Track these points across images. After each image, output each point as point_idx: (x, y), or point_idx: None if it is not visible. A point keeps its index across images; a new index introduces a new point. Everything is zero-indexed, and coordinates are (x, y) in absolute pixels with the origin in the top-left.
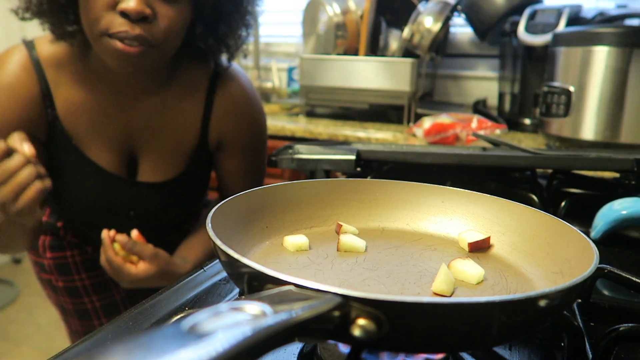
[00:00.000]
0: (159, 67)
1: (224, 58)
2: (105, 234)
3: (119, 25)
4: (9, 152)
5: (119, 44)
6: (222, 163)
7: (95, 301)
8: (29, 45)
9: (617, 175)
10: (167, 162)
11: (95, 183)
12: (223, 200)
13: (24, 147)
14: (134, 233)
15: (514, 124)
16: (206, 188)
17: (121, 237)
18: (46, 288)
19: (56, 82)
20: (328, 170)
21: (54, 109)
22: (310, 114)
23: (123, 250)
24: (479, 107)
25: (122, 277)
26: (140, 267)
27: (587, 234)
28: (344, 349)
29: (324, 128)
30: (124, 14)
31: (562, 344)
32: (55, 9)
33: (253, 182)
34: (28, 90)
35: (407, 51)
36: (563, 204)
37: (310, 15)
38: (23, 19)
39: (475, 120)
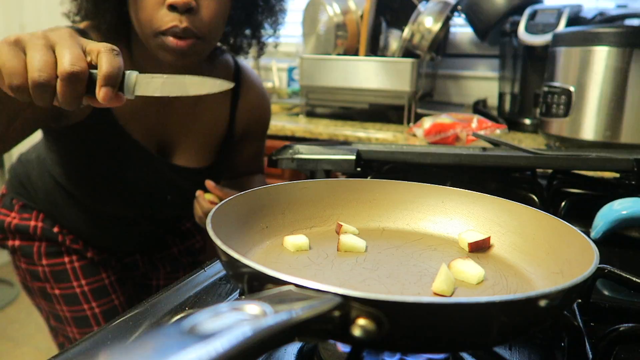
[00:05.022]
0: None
1: (239, 56)
2: (209, 183)
3: (169, 21)
4: None
5: (172, 40)
6: (244, 149)
7: (95, 307)
8: (81, 32)
9: (617, 175)
10: (200, 152)
11: (138, 163)
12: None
13: None
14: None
15: (514, 124)
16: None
17: (213, 186)
18: (36, 297)
19: None
20: (328, 170)
21: None
22: (310, 114)
23: (216, 199)
24: (479, 107)
25: None
26: None
27: (587, 234)
28: (344, 348)
29: (324, 128)
30: (173, 7)
31: (562, 344)
32: (106, 11)
33: (262, 162)
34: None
35: (407, 51)
36: (563, 204)
37: (310, 15)
38: (74, 22)
39: (475, 120)
